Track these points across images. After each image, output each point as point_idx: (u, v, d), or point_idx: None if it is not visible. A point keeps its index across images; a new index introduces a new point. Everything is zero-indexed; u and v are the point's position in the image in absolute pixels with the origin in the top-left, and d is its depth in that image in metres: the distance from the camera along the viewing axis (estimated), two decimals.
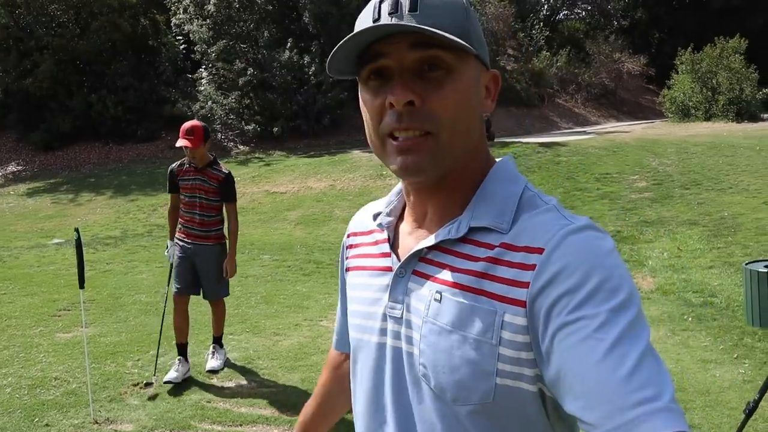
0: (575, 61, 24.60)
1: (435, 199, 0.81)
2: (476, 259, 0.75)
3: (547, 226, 0.73)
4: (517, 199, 0.78)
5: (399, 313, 0.80)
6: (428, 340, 0.75)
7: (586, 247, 0.69)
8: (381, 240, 0.89)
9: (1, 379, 4.01)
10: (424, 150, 0.74)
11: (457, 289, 0.75)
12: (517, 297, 0.70)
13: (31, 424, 3.33)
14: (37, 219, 12.94)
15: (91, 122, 18.90)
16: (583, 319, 0.64)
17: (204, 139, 3.89)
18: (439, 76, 0.74)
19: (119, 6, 19.49)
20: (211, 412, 3.48)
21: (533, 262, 0.70)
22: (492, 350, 0.71)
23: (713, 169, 11.47)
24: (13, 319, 5.49)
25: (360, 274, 0.91)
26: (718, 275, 6.11)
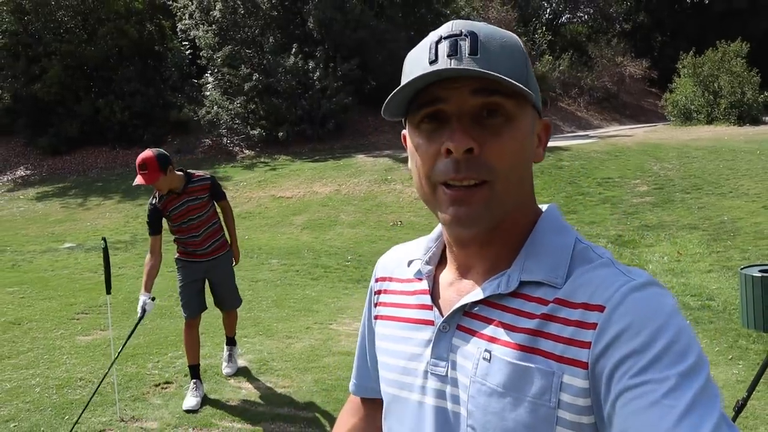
0: (578, 64, 24.77)
1: (483, 253, 0.78)
2: (528, 315, 0.71)
3: (606, 282, 0.69)
4: (570, 251, 0.75)
5: (443, 371, 0.76)
6: (477, 402, 0.71)
7: (650, 306, 0.66)
8: (420, 290, 0.84)
9: (30, 379, 4.21)
10: (478, 201, 0.71)
11: (509, 348, 0.71)
12: (577, 357, 0.67)
13: (62, 422, 3.52)
14: (48, 223, 13.16)
15: (98, 127, 19.14)
16: (650, 383, 0.61)
17: (161, 168, 3.54)
18: (498, 123, 0.71)
19: (126, 12, 19.75)
20: (230, 410, 3.67)
21: (593, 321, 0.67)
22: (550, 414, 0.67)
23: (714, 173, 11.63)
24: (33, 322, 5.70)
25: (394, 326, 0.86)
26: (717, 279, 6.28)
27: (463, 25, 0.72)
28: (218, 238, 3.98)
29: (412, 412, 0.79)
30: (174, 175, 3.67)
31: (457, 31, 0.71)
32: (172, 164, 3.65)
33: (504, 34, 0.73)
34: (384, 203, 12.06)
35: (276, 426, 3.48)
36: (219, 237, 3.99)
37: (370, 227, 10.73)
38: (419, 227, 10.11)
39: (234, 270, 4.15)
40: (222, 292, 4.07)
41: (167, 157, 3.62)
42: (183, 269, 3.92)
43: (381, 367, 0.87)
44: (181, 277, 3.92)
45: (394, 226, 10.75)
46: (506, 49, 0.72)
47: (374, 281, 0.95)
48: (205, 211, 3.87)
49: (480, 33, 0.71)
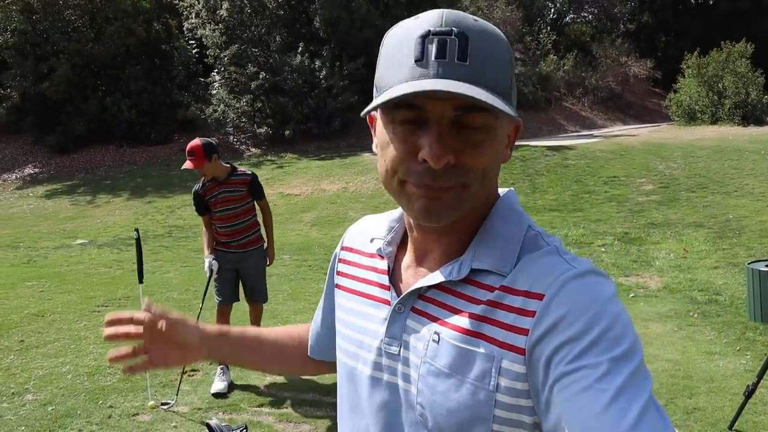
0: (582, 64, 24.86)
1: (441, 240, 0.80)
2: (476, 301, 0.74)
3: (547, 270, 0.71)
4: (521, 240, 0.76)
5: (396, 350, 0.79)
6: (426, 381, 0.74)
7: (587, 294, 0.68)
8: (380, 269, 0.86)
9: (60, 367, 4.35)
10: (448, 198, 0.72)
11: (456, 331, 0.73)
12: (515, 344, 0.69)
13: (96, 406, 3.67)
14: (58, 220, 13.31)
15: (106, 125, 19.30)
16: (584, 368, 0.63)
17: (207, 156, 3.88)
18: (476, 135, 0.71)
19: (133, 11, 19.89)
20: (257, 395, 3.81)
21: (533, 309, 0.69)
22: (489, 396, 0.70)
23: (719, 172, 11.75)
24: (56, 314, 5.84)
25: (353, 299, 0.88)
26: (723, 275, 6.41)
27: (454, 21, 0.69)
28: (251, 233, 4.17)
29: (364, 384, 0.82)
30: (218, 164, 3.99)
31: (447, 29, 0.69)
32: (217, 154, 3.98)
33: (492, 35, 0.71)
34: (391, 201, 11.96)
35: (303, 410, 3.62)
36: (252, 233, 4.18)
37: None
38: None
39: (265, 267, 4.30)
40: (250, 283, 4.25)
41: (213, 146, 3.96)
42: (218, 258, 4.14)
43: (339, 336, 0.90)
44: (218, 267, 4.14)
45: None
46: (495, 55, 0.70)
47: (340, 249, 0.98)
48: (241, 205, 4.08)
49: (471, 34, 0.69)
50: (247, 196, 4.11)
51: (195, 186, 4.16)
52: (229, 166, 4.11)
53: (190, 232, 10.96)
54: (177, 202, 13.72)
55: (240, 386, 3.97)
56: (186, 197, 14.17)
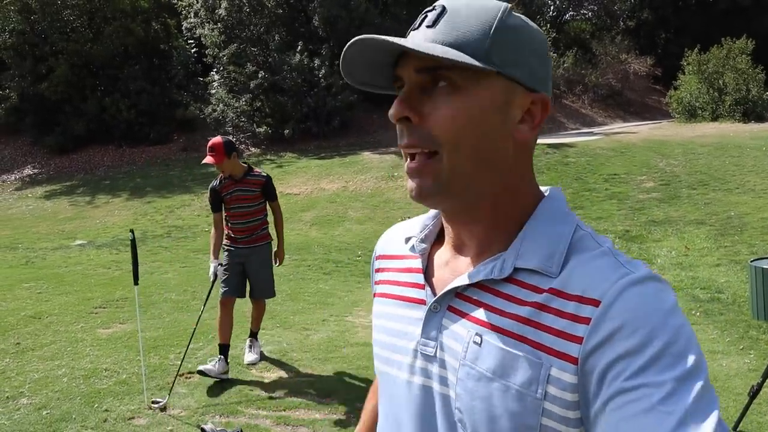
0: (582, 62, 24.79)
1: (470, 232, 0.77)
2: (521, 302, 0.70)
3: (603, 274, 0.67)
4: (568, 240, 0.72)
5: (432, 351, 0.75)
6: (466, 385, 0.70)
7: (648, 303, 0.63)
8: (414, 268, 0.83)
9: (56, 370, 4.31)
10: (428, 173, 0.71)
11: (500, 333, 0.69)
12: (567, 351, 0.65)
13: (92, 409, 3.62)
14: (57, 221, 13.27)
15: (105, 125, 19.26)
16: (644, 387, 0.58)
17: (226, 153, 4.07)
18: (441, 92, 0.70)
19: (132, 11, 19.84)
20: (255, 399, 3.76)
21: (587, 315, 0.65)
22: (536, 404, 0.66)
23: (720, 169, 11.69)
24: (53, 316, 5.80)
25: (387, 303, 0.85)
26: (725, 273, 6.36)
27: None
28: (259, 231, 4.36)
29: (401, 390, 0.79)
30: (236, 162, 4.20)
31: (433, 6, 0.73)
32: (237, 152, 4.20)
33: (483, 5, 0.71)
34: (391, 200, 12.15)
35: (301, 413, 3.57)
36: (260, 231, 4.37)
37: (378, 223, 10.82)
38: None
39: (271, 264, 4.43)
40: (255, 280, 4.39)
41: (233, 145, 4.18)
42: (226, 253, 4.32)
43: (374, 343, 0.87)
44: (225, 260, 4.32)
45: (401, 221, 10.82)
46: (470, 19, 0.70)
47: (374, 259, 0.95)
48: (253, 204, 4.28)
49: (451, 5, 0.71)
50: (260, 196, 4.31)
51: (212, 182, 4.34)
52: (246, 165, 4.30)
53: (189, 232, 10.91)
54: (176, 202, 13.68)
55: (237, 389, 3.92)
56: (186, 197, 14.13)
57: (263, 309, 4.56)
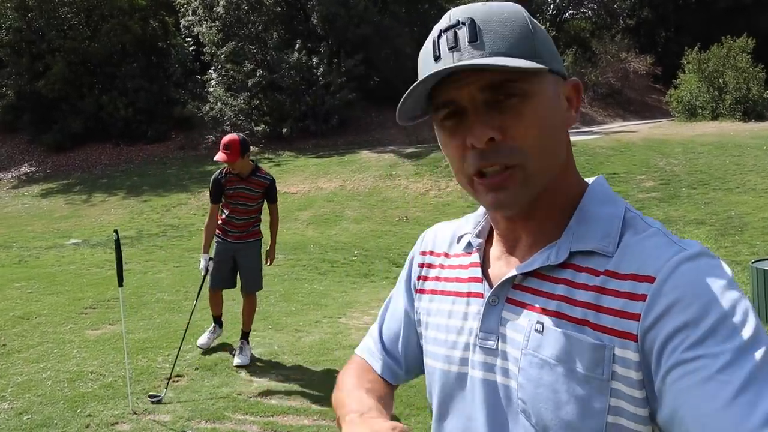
0: (581, 60, 24.69)
1: (528, 226, 0.77)
2: (580, 286, 0.70)
3: (656, 252, 0.67)
4: (621, 220, 0.73)
5: (493, 344, 0.75)
6: (529, 374, 0.71)
7: (702, 277, 0.63)
8: (470, 264, 0.83)
9: (40, 373, 4.21)
10: (514, 184, 0.71)
11: (561, 319, 0.70)
12: (627, 330, 0.65)
13: (74, 414, 3.52)
14: (53, 219, 13.17)
15: (102, 123, 19.16)
16: (703, 357, 0.58)
17: (241, 152, 4.08)
18: (515, 103, 0.70)
19: (129, 8, 19.74)
20: (243, 404, 3.66)
21: (643, 292, 0.65)
22: (603, 386, 0.66)
23: (720, 168, 11.59)
24: (42, 317, 5.70)
25: (442, 300, 0.85)
26: None
27: (460, 12, 0.72)
28: (252, 229, 4.40)
29: (461, 386, 0.79)
30: (247, 161, 4.19)
31: (455, 21, 0.71)
32: (249, 152, 4.18)
33: (504, 9, 0.72)
34: (389, 199, 12.05)
35: (289, 418, 3.48)
36: (252, 228, 4.41)
37: (376, 222, 10.72)
38: (425, 222, 10.09)
39: (260, 260, 4.47)
40: (244, 273, 4.43)
41: (248, 144, 4.16)
42: (217, 246, 4.38)
43: (427, 342, 0.86)
44: (215, 253, 4.38)
45: (399, 221, 10.73)
46: (507, 26, 0.70)
47: (418, 254, 0.94)
48: (252, 203, 4.30)
49: (477, 17, 0.70)
50: (261, 197, 4.34)
51: (216, 173, 4.32)
52: (253, 164, 4.29)
53: (185, 231, 10.81)
54: (173, 201, 13.59)
55: (225, 394, 3.83)
56: (182, 195, 14.03)
57: (254, 305, 4.54)
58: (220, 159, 4.07)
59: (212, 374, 4.14)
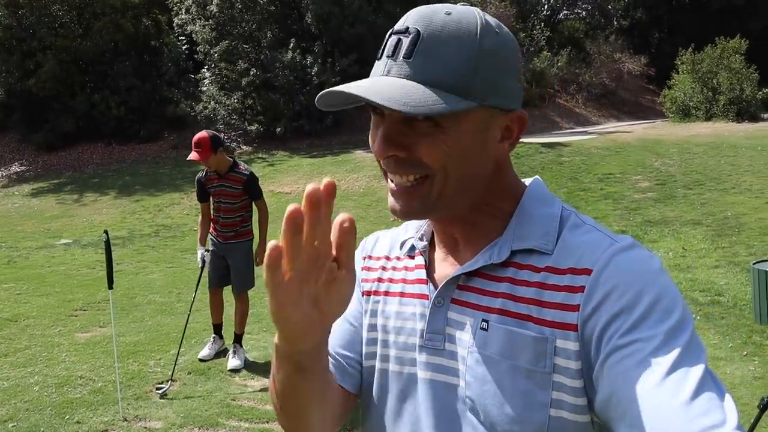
0: (576, 61, 24.71)
1: (459, 230, 0.79)
2: (521, 283, 0.72)
3: (592, 246, 0.70)
4: (558, 218, 0.75)
5: (440, 345, 0.76)
6: (475, 372, 0.72)
7: (635, 267, 0.67)
8: (415, 266, 0.84)
9: (28, 378, 4.10)
10: (415, 195, 0.72)
11: (505, 316, 0.71)
12: (568, 321, 0.67)
13: (62, 421, 3.41)
14: (43, 219, 13.00)
15: (94, 122, 18.97)
16: (637, 341, 0.61)
17: (212, 149, 4.06)
18: (428, 129, 0.69)
19: (122, 6, 19.55)
20: (236, 409, 3.57)
21: (581, 284, 0.68)
22: (545, 379, 0.68)
23: (715, 169, 11.58)
24: (31, 319, 5.58)
25: (386, 301, 0.85)
26: (724, 275, 6.21)
27: (416, 18, 0.70)
28: (239, 228, 4.37)
29: (407, 386, 0.79)
30: (222, 157, 4.16)
31: (405, 27, 0.70)
32: (223, 147, 4.15)
33: (458, 28, 0.69)
34: (383, 199, 11.96)
35: None
36: (240, 228, 4.38)
37: (370, 222, 10.64)
38: None
39: (249, 260, 4.43)
40: (233, 273, 4.41)
41: (219, 140, 4.15)
42: (211, 245, 4.42)
43: (371, 344, 0.85)
44: (211, 252, 4.42)
45: (394, 221, 10.66)
46: (449, 51, 0.68)
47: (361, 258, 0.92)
48: (235, 201, 4.26)
49: (426, 30, 0.68)
50: (243, 194, 4.29)
51: (199, 173, 4.39)
52: (231, 160, 4.27)
53: (178, 231, 10.68)
54: (165, 201, 13.44)
55: (218, 399, 3.73)
56: (175, 195, 13.89)
57: (245, 306, 4.49)
58: (192, 158, 4.07)
59: (206, 379, 4.05)
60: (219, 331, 4.60)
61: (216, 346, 4.53)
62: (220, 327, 4.60)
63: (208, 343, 4.56)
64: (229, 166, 4.23)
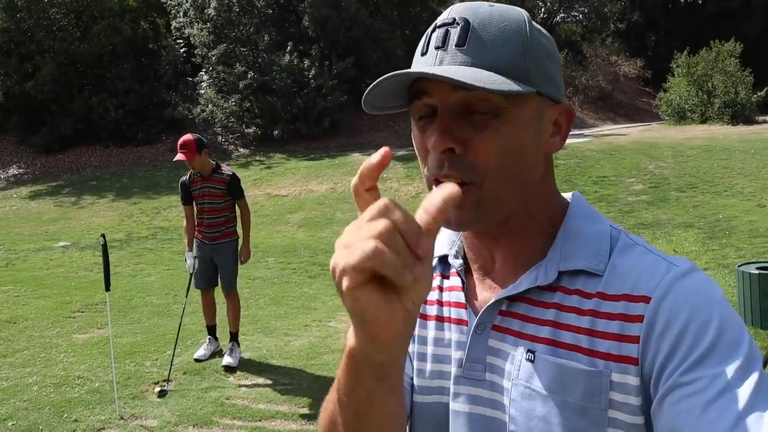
0: (572, 63, 24.83)
1: (501, 246, 0.73)
2: (571, 310, 0.67)
3: (648, 270, 0.65)
4: (608, 237, 0.70)
5: (480, 375, 0.71)
6: (520, 406, 0.67)
7: (698, 296, 0.62)
8: (450, 287, 0.77)
9: (27, 378, 4.18)
10: (467, 204, 0.66)
11: (554, 347, 0.67)
12: (626, 353, 0.63)
13: (60, 420, 3.50)
14: (41, 222, 13.07)
15: (92, 125, 19.03)
16: (701, 379, 0.57)
17: (197, 150, 4.20)
18: (486, 120, 0.65)
19: (120, 10, 19.64)
20: (230, 408, 3.65)
21: (639, 313, 0.63)
22: (601, 416, 0.63)
23: (708, 172, 11.68)
24: (29, 321, 5.65)
25: (425, 325, 0.78)
26: (713, 276, 6.29)
27: (460, 10, 0.68)
28: (223, 228, 4.47)
29: (444, 420, 0.73)
30: (206, 159, 4.31)
31: (451, 19, 0.67)
32: (206, 149, 4.31)
33: (506, 17, 0.67)
34: None
35: (277, 423, 3.47)
36: (225, 228, 4.48)
37: None
38: None
39: (235, 259, 4.51)
40: (221, 273, 4.52)
41: (203, 142, 4.29)
42: (196, 247, 4.51)
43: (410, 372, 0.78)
44: (196, 253, 4.52)
45: None
46: (502, 36, 0.66)
47: None
48: (218, 202, 4.38)
49: (475, 19, 0.66)
50: (226, 194, 4.42)
51: (183, 177, 4.49)
52: (214, 163, 4.41)
53: (175, 233, 10.76)
54: (163, 203, 13.51)
55: (213, 399, 3.81)
56: (173, 198, 13.95)
57: (236, 304, 4.59)
58: (179, 158, 4.18)
59: (200, 378, 4.13)
60: (213, 333, 4.67)
61: (212, 347, 4.60)
62: (214, 328, 4.68)
63: (203, 344, 4.64)
64: (212, 168, 4.37)
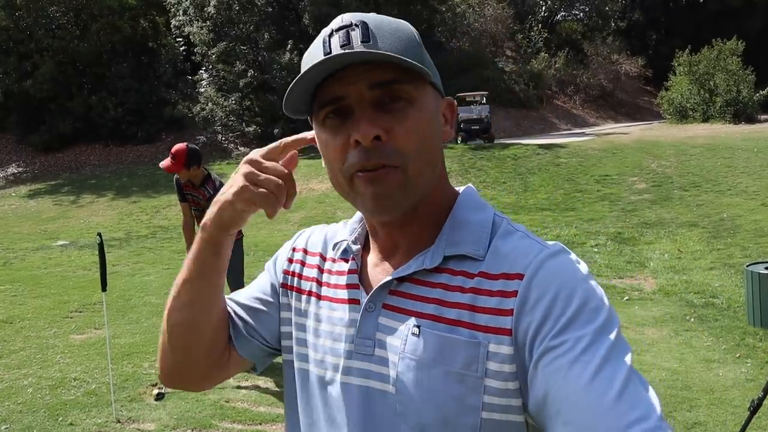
0: (573, 62, 24.76)
1: (406, 233, 0.79)
2: (454, 288, 0.73)
3: (523, 251, 0.72)
4: (490, 225, 0.77)
5: (370, 350, 0.76)
6: (406, 377, 0.72)
7: (564, 271, 0.70)
8: (348, 270, 0.83)
9: (22, 379, 4.09)
10: (392, 182, 0.71)
11: (437, 321, 0.72)
12: (502, 326, 0.69)
13: (55, 423, 3.42)
14: (40, 221, 13.00)
15: (92, 124, 18.96)
16: (568, 342, 0.64)
17: (186, 164, 4.02)
18: (401, 107, 0.71)
19: (119, 8, 19.56)
20: (230, 411, 3.57)
21: (514, 289, 0.69)
22: (477, 383, 0.69)
23: (712, 170, 11.61)
24: (26, 321, 5.57)
25: (319, 304, 0.84)
26: (719, 276, 6.23)
27: (353, 16, 0.73)
28: None
29: (336, 392, 0.78)
30: (196, 172, 4.16)
31: (348, 23, 0.71)
32: (199, 164, 4.12)
33: (394, 21, 0.74)
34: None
35: (278, 427, 3.39)
36: None
37: None
38: None
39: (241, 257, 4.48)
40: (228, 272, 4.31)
41: (197, 157, 4.10)
42: None
43: (301, 344, 0.84)
44: None
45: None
46: (397, 34, 0.72)
47: (290, 250, 0.91)
48: (203, 211, 4.19)
49: (369, 21, 0.72)
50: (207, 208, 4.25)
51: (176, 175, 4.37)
52: (205, 173, 4.28)
53: (175, 232, 10.67)
54: (162, 202, 13.44)
55: (212, 402, 3.73)
56: (172, 197, 13.85)
57: None
58: (162, 166, 4.06)
59: None
60: None
61: None
62: None
63: None
64: (202, 178, 4.21)
